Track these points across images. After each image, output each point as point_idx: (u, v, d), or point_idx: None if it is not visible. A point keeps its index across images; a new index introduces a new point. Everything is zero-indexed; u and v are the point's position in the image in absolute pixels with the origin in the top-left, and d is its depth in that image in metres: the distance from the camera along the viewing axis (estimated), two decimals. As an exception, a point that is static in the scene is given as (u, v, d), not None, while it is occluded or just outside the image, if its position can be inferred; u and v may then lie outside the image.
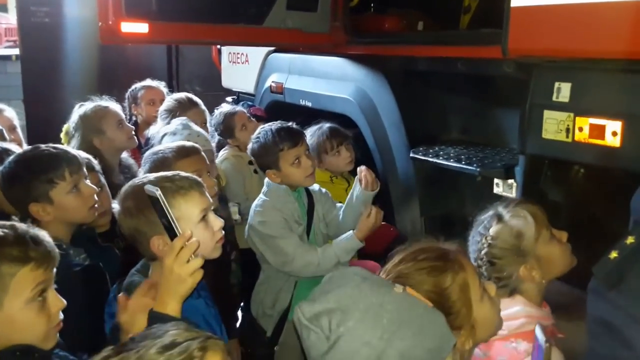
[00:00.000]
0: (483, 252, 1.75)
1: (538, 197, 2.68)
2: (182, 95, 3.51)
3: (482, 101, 3.32)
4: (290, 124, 2.83)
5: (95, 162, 2.45)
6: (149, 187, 1.51)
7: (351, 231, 2.68)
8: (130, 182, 1.80)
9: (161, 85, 4.16)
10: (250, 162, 3.45)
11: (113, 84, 4.80)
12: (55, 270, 1.51)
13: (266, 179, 2.78)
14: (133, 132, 3.21)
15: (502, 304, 1.68)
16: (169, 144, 2.46)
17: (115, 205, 1.77)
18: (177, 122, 2.85)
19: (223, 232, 1.78)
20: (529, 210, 1.74)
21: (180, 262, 1.49)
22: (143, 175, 1.91)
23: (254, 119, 3.76)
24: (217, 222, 1.75)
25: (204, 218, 1.72)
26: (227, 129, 3.67)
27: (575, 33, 2.30)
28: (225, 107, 3.86)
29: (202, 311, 1.71)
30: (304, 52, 4.17)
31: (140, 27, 2.97)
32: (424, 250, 1.34)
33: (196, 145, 2.42)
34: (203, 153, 2.40)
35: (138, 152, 3.32)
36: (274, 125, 2.79)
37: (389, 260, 1.42)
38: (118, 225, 1.77)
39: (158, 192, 1.48)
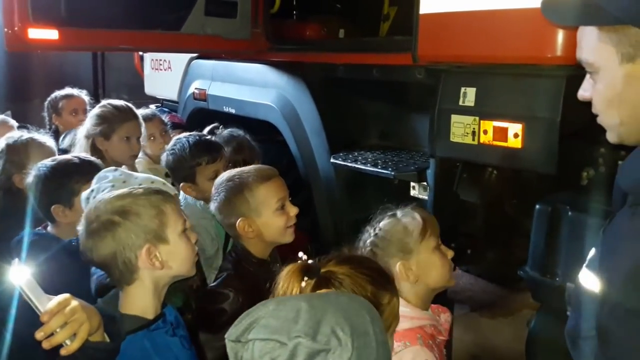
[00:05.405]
0: (368, 240, 1.78)
1: (450, 198, 2.77)
2: (121, 103, 2.97)
3: (399, 107, 3.40)
4: (208, 136, 2.69)
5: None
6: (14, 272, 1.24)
7: None
8: (96, 202, 1.58)
9: (82, 94, 4.01)
10: (167, 175, 3.02)
11: (35, 93, 4.59)
12: None
13: (181, 193, 2.56)
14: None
15: None
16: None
17: (80, 228, 1.55)
18: None
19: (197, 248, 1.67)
20: (420, 214, 1.78)
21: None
22: (108, 192, 1.67)
23: (171, 130, 3.54)
24: (193, 236, 1.64)
25: (184, 231, 1.61)
26: None
27: (478, 39, 2.39)
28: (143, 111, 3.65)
29: (175, 351, 1.58)
30: (227, 58, 4.15)
31: (49, 34, 2.87)
32: (366, 261, 1.36)
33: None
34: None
35: None
36: (192, 137, 2.62)
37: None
38: (83, 252, 1.54)
39: (19, 284, 1.22)
